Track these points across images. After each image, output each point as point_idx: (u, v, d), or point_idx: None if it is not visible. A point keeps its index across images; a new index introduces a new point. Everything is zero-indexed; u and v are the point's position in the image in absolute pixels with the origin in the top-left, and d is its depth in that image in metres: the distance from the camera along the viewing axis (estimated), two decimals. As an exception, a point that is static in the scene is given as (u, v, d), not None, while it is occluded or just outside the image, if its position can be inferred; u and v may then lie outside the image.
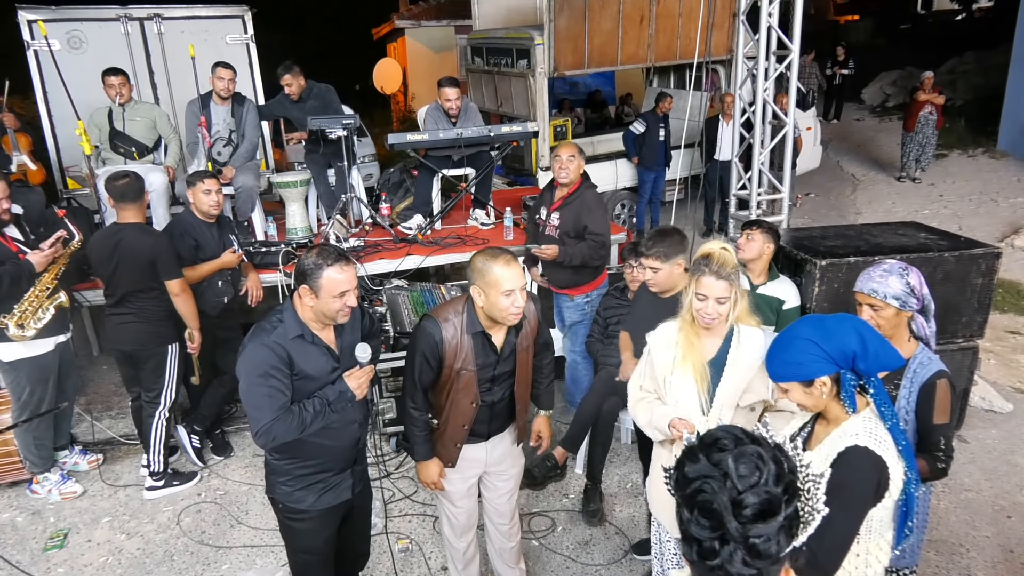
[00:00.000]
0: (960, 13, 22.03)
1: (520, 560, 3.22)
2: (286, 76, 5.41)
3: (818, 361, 1.82)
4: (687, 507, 1.22)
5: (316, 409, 2.39)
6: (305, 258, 2.41)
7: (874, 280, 2.36)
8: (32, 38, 5.84)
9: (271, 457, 2.57)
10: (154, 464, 4.17)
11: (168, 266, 3.88)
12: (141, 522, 4.00)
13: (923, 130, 9.92)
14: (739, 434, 1.25)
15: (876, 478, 1.79)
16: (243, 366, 2.38)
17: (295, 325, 2.41)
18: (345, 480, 2.65)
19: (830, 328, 1.83)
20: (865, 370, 1.82)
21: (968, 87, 13.58)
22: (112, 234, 3.88)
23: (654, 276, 3.08)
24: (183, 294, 3.94)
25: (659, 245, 3.05)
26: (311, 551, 2.69)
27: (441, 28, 16.63)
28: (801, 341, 1.84)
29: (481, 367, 2.63)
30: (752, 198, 6.04)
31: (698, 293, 2.37)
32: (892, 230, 4.42)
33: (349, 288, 2.40)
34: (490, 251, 2.55)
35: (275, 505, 2.66)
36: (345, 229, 5.39)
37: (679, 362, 2.42)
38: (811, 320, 1.90)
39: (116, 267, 3.83)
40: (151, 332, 4.02)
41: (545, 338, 2.92)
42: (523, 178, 8.13)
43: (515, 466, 3.01)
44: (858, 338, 1.81)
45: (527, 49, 7.57)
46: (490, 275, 2.45)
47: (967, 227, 8.11)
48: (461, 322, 2.59)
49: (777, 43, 5.78)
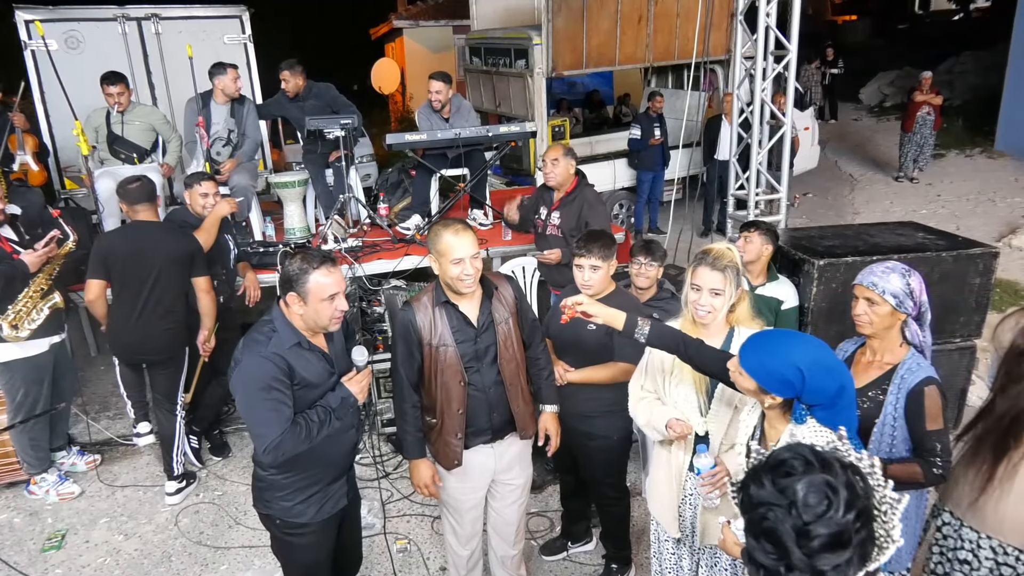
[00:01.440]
0: (958, 13, 22.06)
1: (521, 566, 3.19)
2: (285, 72, 5.41)
3: (782, 385, 1.82)
4: (752, 532, 1.17)
5: (321, 418, 2.35)
6: (289, 264, 2.34)
7: (875, 275, 2.36)
8: (29, 38, 5.84)
9: (266, 473, 2.46)
10: (177, 467, 4.16)
11: (202, 263, 3.93)
12: (139, 523, 3.99)
13: (921, 130, 9.95)
14: (809, 457, 1.17)
15: None
16: (241, 381, 2.29)
17: (290, 333, 2.35)
18: (341, 487, 2.62)
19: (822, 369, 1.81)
20: (827, 419, 1.81)
21: (966, 87, 13.60)
22: (141, 234, 3.83)
23: (593, 275, 2.97)
24: (211, 291, 3.99)
25: (594, 244, 2.96)
26: (311, 564, 2.63)
27: (439, 28, 16.62)
28: (792, 369, 1.80)
29: (460, 342, 2.64)
30: (750, 198, 6.04)
31: (693, 283, 2.37)
32: (890, 230, 4.42)
33: (338, 291, 2.35)
34: (444, 220, 2.61)
35: (270, 522, 2.56)
36: (343, 229, 5.38)
37: (679, 362, 2.42)
38: (812, 346, 1.86)
39: (155, 268, 3.79)
40: (182, 335, 4.04)
41: (531, 323, 2.87)
42: (521, 178, 8.13)
43: (523, 475, 2.97)
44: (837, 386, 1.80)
45: (525, 49, 7.57)
46: (440, 243, 2.52)
47: (965, 227, 8.11)
48: (431, 297, 2.65)
49: (775, 43, 5.78)
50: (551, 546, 3.66)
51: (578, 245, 3.01)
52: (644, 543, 3.57)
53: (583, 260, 2.97)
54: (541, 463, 4.10)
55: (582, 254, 2.96)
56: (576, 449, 3.20)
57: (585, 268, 2.97)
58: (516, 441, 2.88)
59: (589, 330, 2.99)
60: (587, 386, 3.04)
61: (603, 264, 2.96)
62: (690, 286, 2.40)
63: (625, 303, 3.06)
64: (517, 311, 2.77)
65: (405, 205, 6.07)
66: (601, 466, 3.21)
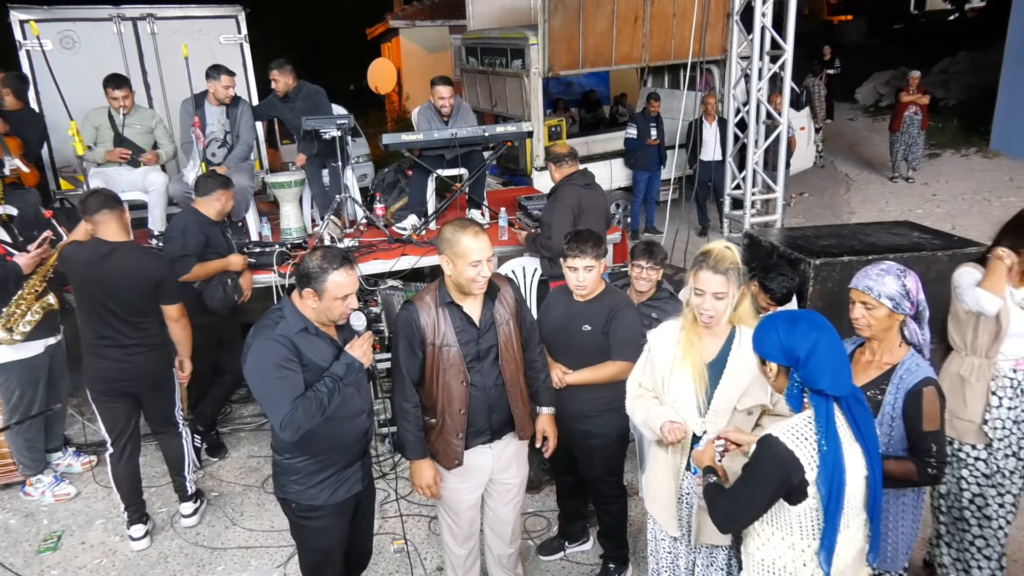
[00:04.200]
0: (953, 13, 22.15)
1: (518, 565, 3.21)
2: (274, 71, 5.42)
3: (771, 346, 1.94)
4: None
5: (330, 387, 2.42)
6: (309, 261, 2.42)
7: (870, 278, 2.36)
8: (24, 38, 5.81)
9: (281, 457, 2.56)
10: (191, 485, 3.90)
11: (174, 289, 3.56)
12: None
13: (909, 130, 9.97)
14: None
15: (782, 470, 1.84)
16: (253, 363, 2.39)
17: (298, 319, 2.44)
18: (355, 473, 2.67)
19: (797, 326, 1.91)
20: (803, 378, 1.90)
21: (961, 87, 13.63)
22: (104, 253, 3.35)
23: (587, 276, 2.95)
24: (183, 319, 3.61)
25: (586, 244, 2.94)
26: (325, 548, 2.69)
27: (435, 28, 16.62)
28: (775, 322, 1.95)
29: (464, 343, 2.65)
30: (746, 198, 6.06)
31: (696, 288, 2.37)
32: (886, 229, 4.44)
33: (352, 291, 2.44)
34: (459, 222, 2.61)
35: (287, 506, 2.65)
36: (339, 229, 5.38)
37: (678, 361, 2.41)
38: (799, 313, 2.00)
39: (114, 294, 3.38)
40: (162, 357, 3.65)
41: (529, 325, 2.88)
42: (518, 178, 8.13)
43: (519, 474, 2.98)
44: (809, 347, 1.87)
45: (521, 49, 7.57)
46: (459, 245, 2.53)
47: (960, 226, 8.13)
48: (434, 297, 2.66)
49: (771, 43, 5.80)
50: (548, 546, 3.67)
51: (570, 246, 2.96)
52: (641, 542, 3.58)
53: (576, 261, 2.93)
54: (538, 463, 4.11)
55: (575, 255, 2.92)
56: (576, 448, 3.21)
57: (579, 270, 2.94)
58: (513, 441, 2.89)
59: (584, 331, 2.99)
60: (586, 386, 3.05)
61: (596, 264, 2.96)
62: (694, 291, 2.38)
63: (618, 301, 3.07)
64: (517, 313, 2.79)
65: (401, 205, 6.07)
66: (601, 464, 3.21)
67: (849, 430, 1.90)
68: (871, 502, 1.94)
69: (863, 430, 1.90)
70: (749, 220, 5.94)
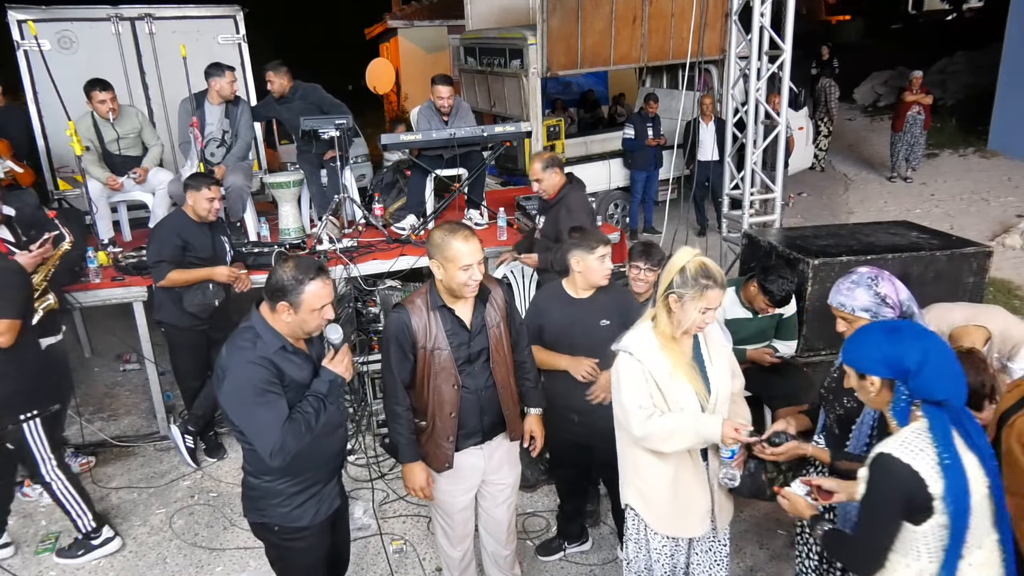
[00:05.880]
0: (951, 13, 22.16)
1: (515, 565, 3.20)
2: (269, 73, 5.43)
3: (873, 360, 1.86)
4: None
5: (315, 407, 2.33)
6: (281, 273, 2.27)
7: (841, 293, 2.33)
8: (22, 38, 5.80)
9: (259, 480, 2.43)
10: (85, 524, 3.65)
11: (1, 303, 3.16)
12: (133, 524, 3.98)
13: (911, 130, 9.98)
14: None
15: (903, 487, 1.74)
16: (231, 389, 2.25)
17: (273, 338, 2.32)
18: (334, 488, 2.62)
19: (901, 336, 1.84)
20: (915, 389, 1.81)
21: (959, 87, 13.65)
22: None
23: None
24: (8, 333, 3.18)
25: (590, 239, 3.06)
26: (312, 567, 2.62)
27: (434, 28, 16.61)
28: (874, 334, 1.88)
29: (455, 346, 2.64)
30: (745, 198, 6.05)
31: (707, 308, 2.29)
32: (884, 229, 4.44)
33: (328, 301, 2.34)
34: (449, 226, 2.58)
35: (266, 531, 2.52)
36: (338, 230, 5.38)
37: (673, 370, 2.38)
38: (896, 323, 1.93)
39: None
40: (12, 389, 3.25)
41: (519, 327, 2.88)
42: (516, 178, 8.13)
43: (511, 474, 2.98)
44: (920, 356, 1.79)
45: (520, 49, 7.57)
46: (449, 250, 2.50)
47: (958, 226, 8.14)
48: (425, 300, 2.64)
49: (769, 43, 5.79)
50: (547, 546, 3.66)
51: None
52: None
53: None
54: (536, 463, 4.11)
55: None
56: (592, 436, 3.07)
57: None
58: (504, 442, 2.90)
59: (603, 325, 3.03)
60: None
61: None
62: (704, 310, 2.29)
63: (623, 301, 3.08)
64: (507, 314, 2.79)
65: (400, 205, 6.06)
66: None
67: (961, 439, 1.78)
68: (998, 517, 1.81)
69: (975, 439, 1.78)
70: (748, 220, 5.93)
